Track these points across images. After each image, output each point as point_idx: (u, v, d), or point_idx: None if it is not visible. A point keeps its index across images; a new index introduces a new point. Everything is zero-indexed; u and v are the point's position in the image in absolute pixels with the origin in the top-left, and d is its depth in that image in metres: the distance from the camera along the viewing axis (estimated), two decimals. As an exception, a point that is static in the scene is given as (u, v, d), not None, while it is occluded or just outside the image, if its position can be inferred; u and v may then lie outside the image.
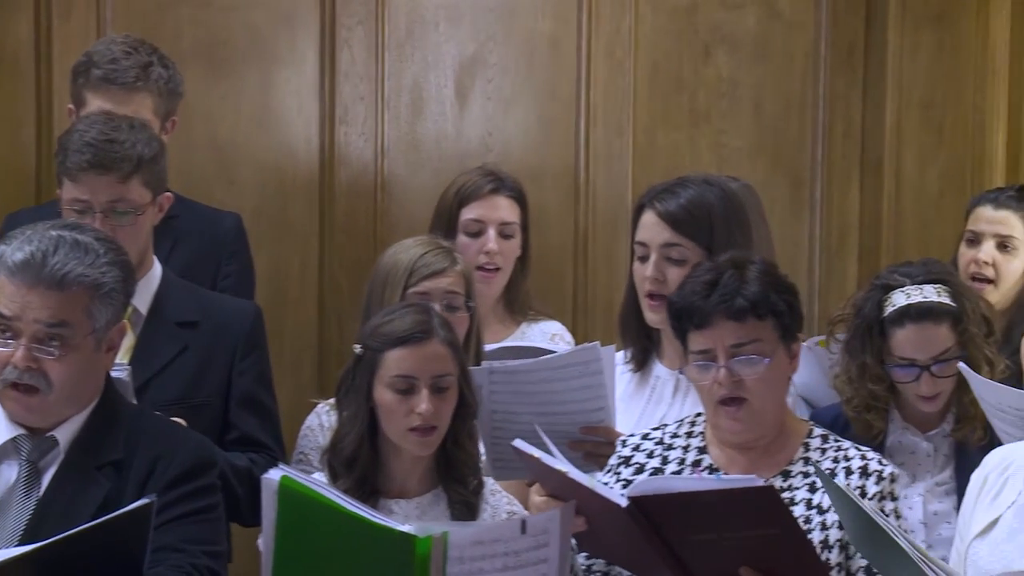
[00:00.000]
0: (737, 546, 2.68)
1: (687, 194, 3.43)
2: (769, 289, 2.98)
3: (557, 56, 4.90)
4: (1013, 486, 2.85)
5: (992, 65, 4.91)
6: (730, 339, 2.95)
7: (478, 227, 3.99)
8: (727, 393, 2.95)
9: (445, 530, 2.60)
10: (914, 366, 3.43)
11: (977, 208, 4.14)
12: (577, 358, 3.31)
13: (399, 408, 3.00)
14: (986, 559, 2.80)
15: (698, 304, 2.96)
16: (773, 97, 5.04)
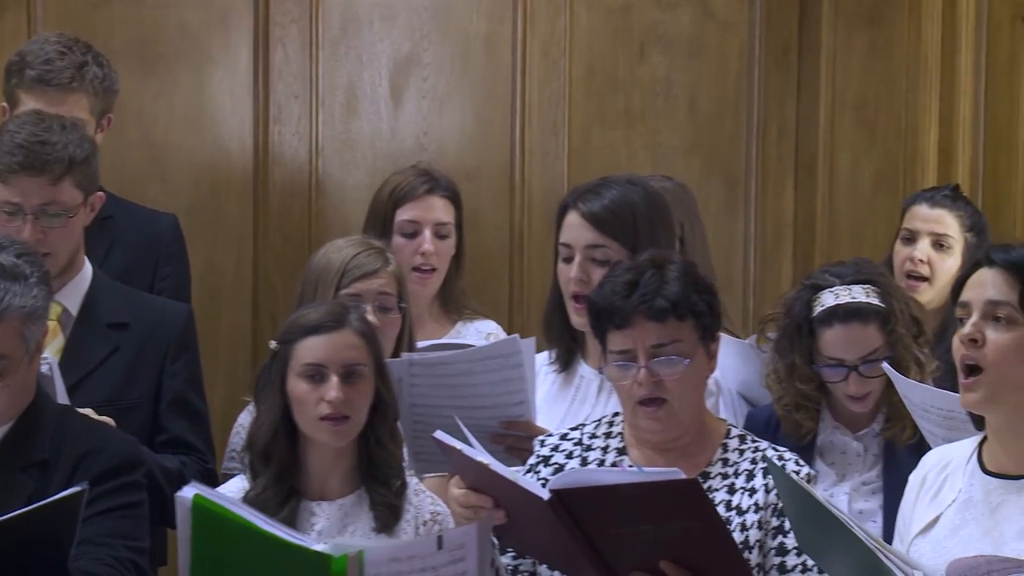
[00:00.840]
0: (658, 540, 2.68)
1: (610, 195, 3.44)
2: (689, 289, 2.98)
3: (492, 56, 4.89)
4: (952, 484, 2.86)
5: (924, 66, 4.95)
6: (651, 339, 2.95)
7: (413, 228, 3.98)
8: (647, 393, 2.95)
9: (361, 549, 2.59)
10: (842, 366, 3.44)
11: (913, 207, 4.16)
12: (497, 351, 3.31)
13: (310, 397, 3.00)
14: (929, 556, 2.81)
15: (619, 304, 2.96)
16: (708, 97, 5.06)
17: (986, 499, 2.80)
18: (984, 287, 2.77)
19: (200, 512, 2.69)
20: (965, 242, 4.07)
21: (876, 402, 3.49)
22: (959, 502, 2.83)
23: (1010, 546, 2.71)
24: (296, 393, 3.02)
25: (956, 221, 4.09)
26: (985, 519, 2.78)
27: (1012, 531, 2.74)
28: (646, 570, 2.72)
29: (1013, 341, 2.73)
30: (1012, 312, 2.74)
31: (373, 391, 3.04)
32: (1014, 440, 2.79)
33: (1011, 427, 2.78)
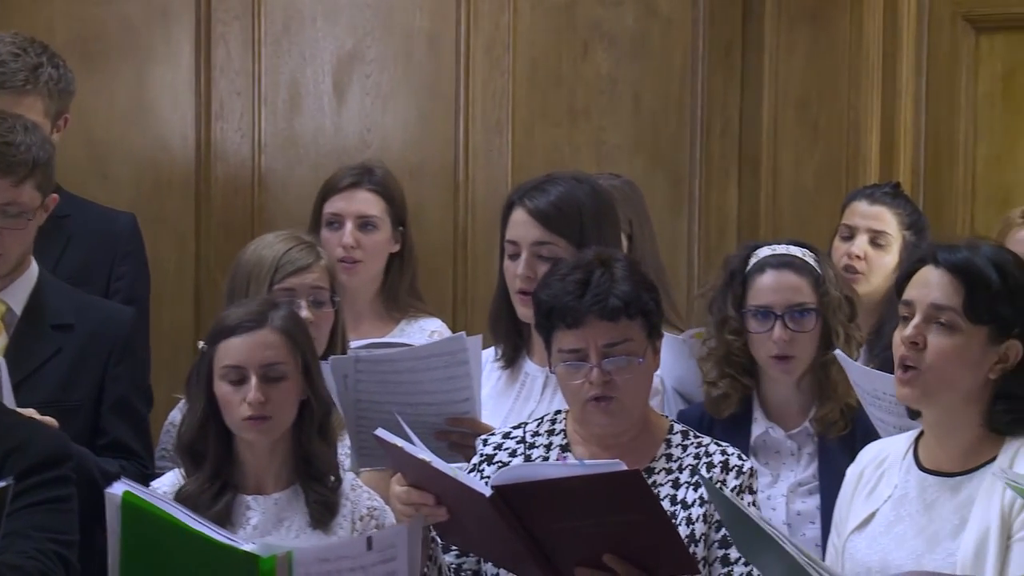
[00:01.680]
0: (601, 533, 2.68)
1: (557, 191, 3.44)
2: (639, 288, 2.98)
3: (435, 52, 4.89)
4: (889, 480, 2.87)
5: (866, 64, 4.97)
6: (603, 339, 2.94)
7: (336, 220, 3.99)
8: (598, 392, 2.95)
9: (289, 550, 2.59)
10: (770, 313, 3.44)
11: (852, 203, 4.18)
12: (443, 348, 3.30)
13: (233, 399, 3.00)
14: (864, 552, 2.83)
15: (571, 304, 2.95)
16: (652, 94, 5.07)
17: (921, 496, 2.81)
18: (929, 288, 2.78)
19: (129, 509, 2.68)
20: (903, 240, 4.09)
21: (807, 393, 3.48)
22: (894, 498, 2.84)
23: (943, 545, 2.73)
24: (221, 395, 3.03)
25: (895, 219, 4.11)
26: (920, 516, 2.79)
27: (946, 530, 2.75)
28: (590, 564, 2.72)
29: (953, 347, 2.75)
30: (955, 318, 2.75)
31: (299, 388, 3.03)
32: (948, 438, 2.81)
33: (945, 425, 2.81)
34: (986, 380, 2.76)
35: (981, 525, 2.71)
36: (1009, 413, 2.77)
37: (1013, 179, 4.81)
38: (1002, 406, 2.77)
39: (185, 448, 3.04)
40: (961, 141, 4.90)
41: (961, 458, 2.80)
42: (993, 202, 4.82)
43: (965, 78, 4.88)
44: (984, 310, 2.74)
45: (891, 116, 4.96)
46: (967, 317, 2.74)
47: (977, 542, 2.70)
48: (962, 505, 2.76)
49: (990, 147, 4.86)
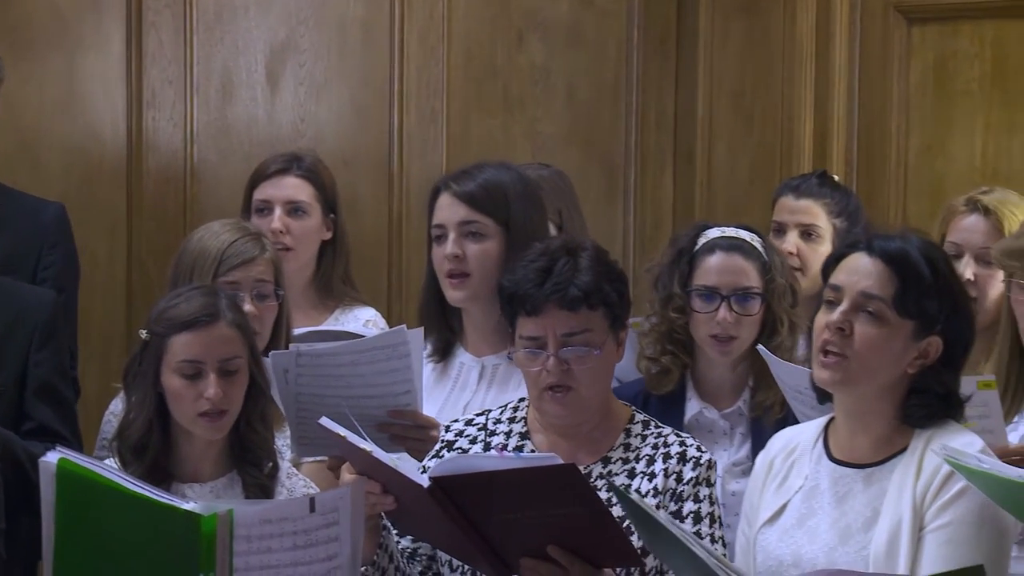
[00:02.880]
0: (543, 525, 2.67)
1: (482, 175, 3.45)
2: (602, 278, 2.96)
3: (369, 42, 4.87)
4: (799, 471, 2.85)
5: (799, 54, 4.99)
6: (561, 328, 2.92)
7: (265, 206, 3.98)
8: (555, 381, 2.93)
9: (230, 508, 2.57)
10: (716, 294, 3.45)
11: (780, 198, 4.15)
12: (384, 341, 3.29)
13: (187, 393, 2.97)
14: (776, 545, 2.81)
15: (531, 291, 2.93)
16: (586, 85, 5.07)
17: (833, 488, 2.79)
18: (859, 275, 2.76)
19: (65, 476, 2.64)
20: (834, 228, 4.07)
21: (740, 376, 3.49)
22: (806, 490, 2.82)
23: (855, 538, 2.73)
24: (171, 388, 2.99)
25: (823, 209, 4.08)
26: (832, 509, 2.78)
27: (858, 522, 2.74)
28: (535, 555, 2.71)
29: (880, 336, 2.73)
30: (883, 308, 2.73)
31: (248, 379, 3.01)
32: (862, 428, 2.80)
33: (859, 415, 2.79)
34: (904, 373, 2.75)
35: (893, 517, 2.70)
36: (923, 408, 2.76)
37: (945, 169, 4.83)
38: (916, 400, 2.76)
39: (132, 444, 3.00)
40: (893, 132, 4.92)
41: (873, 449, 2.79)
42: (925, 192, 4.85)
43: (897, 69, 4.90)
44: (913, 304, 2.73)
45: (824, 107, 4.99)
46: (896, 309, 2.73)
47: (889, 534, 2.69)
48: (874, 497, 2.75)
49: (922, 137, 4.88)
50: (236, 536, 2.56)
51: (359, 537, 2.74)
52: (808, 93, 5.00)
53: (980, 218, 3.78)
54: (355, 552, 2.73)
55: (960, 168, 4.78)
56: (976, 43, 4.79)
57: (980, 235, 3.73)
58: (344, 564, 2.70)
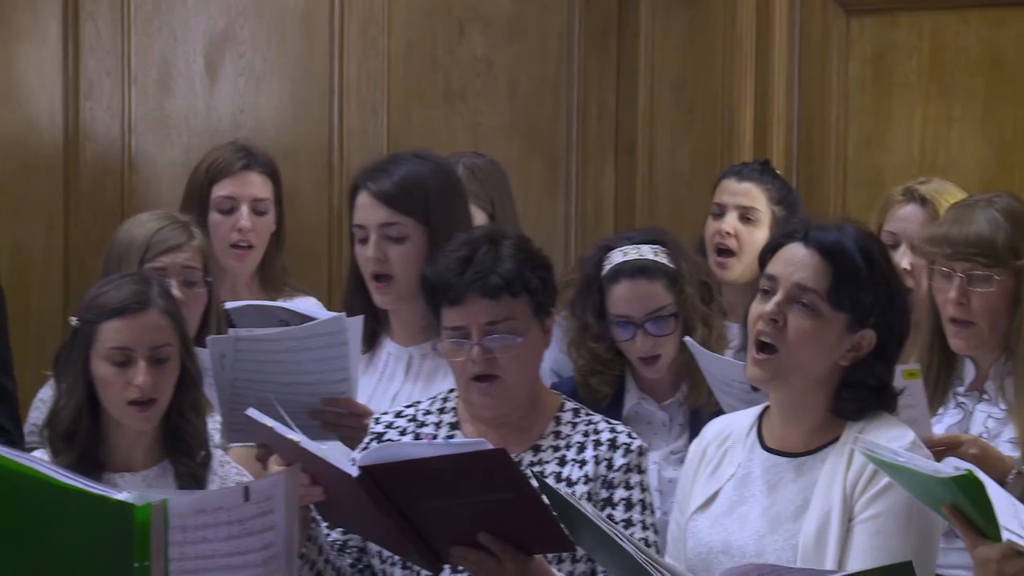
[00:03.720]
0: (473, 512, 2.66)
1: (399, 171, 3.41)
2: (524, 266, 2.95)
3: (309, 33, 4.86)
4: (732, 459, 2.85)
5: (739, 46, 5.01)
6: (484, 317, 2.91)
7: (230, 204, 3.96)
8: (480, 370, 2.92)
9: (165, 497, 2.55)
10: (629, 323, 3.46)
11: (722, 181, 4.19)
12: (323, 328, 3.28)
13: (116, 381, 2.95)
14: (706, 532, 2.81)
15: (452, 281, 2.92)
16: (528, 76, 5.07)
17: (764, 476, 2.79)
18: (794, 266, 2.75)
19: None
20: (773, 215, 4.10)
21: (678, 370, 3.51)
22: (738, 477, 2.82)
23: (785, 526, 2.72)
24: (101, 375, 2.96)
25: (764, 194, 4.12)
26: (763, 497, 2.78)
27: (788, 511, 2.74)
28: (464, 542, 2.70)
29: (813, 329, 2.72)
30: (817, 301, 2.72)
31: (179, 367, 2.99)
32: (795, 418, 2.79)
33: (792, 406, 2.79)
34: (836, 366, 2.75)
35: (823, 507, 2.70)
36: (854, 400, 2.76)
37: (884, 161, 4.85)
38: (848, 393, 2.76)
39: (62, 431, 2.98)
40: (833, 124, 4.94)
41: (805, 438, 2.78)
42: (864, 184, 4.86)
43: (836, 61, 4.92)
44: (847, 297, 2.73)
45: (764, 99, 5.00)
46: (829, 302, 2.72)
47: (819, 524, 2.69)
48: (805, 487, 2.74)
49: (861, 130, 4.90)
50: (171, 526, 2.54)
51: (294, 525, 2.72)
52: (748, 85, 5.01)
53: (917, 208, 3.80)
54: (291, 540, 2.71)
55: (898, 160, 4.80)
56: (914, 35, 4.82)
57: (917, 225, 3.75)
58: (280, 553, 2.68)
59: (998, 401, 3.33)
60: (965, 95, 4.74)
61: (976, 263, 3.27)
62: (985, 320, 3.29)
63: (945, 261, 3.30)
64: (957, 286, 3.28)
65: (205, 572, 2.60)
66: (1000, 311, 3.30)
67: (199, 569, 2.59)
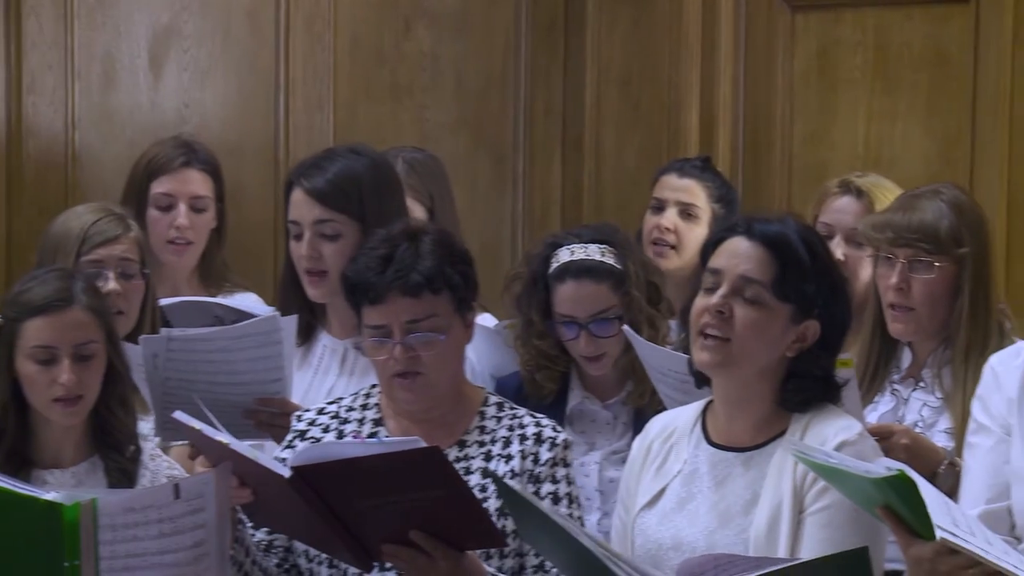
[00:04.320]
0: (405, 510, 2.65)
1: (334, 168, 3.40)
2: (444, 262, 2.94)
3: (255, 28, 4.84)
4: (678, 455, 2.85)
5: (685, 42, 5.02)
6: (405, 315, 2.90)
7: (168, 201, 3.95)
8: (402, 368, 2.91)
9: (93, 497, 2.54)
10: (574, 323, 3.46)
11: (663, 176, 4.19)
12: (257, 328, 3.27)
13: (41, 379, 2.93)
14: (655, 529, 2.81)
15: (372, 280, 2.91)
16: (475, 72, 5.07)
17: (712, 472, 2.80)
18: (738, 259, 2.76)
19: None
20: (712, 212, 4.10)
21: (623, 369, 3.51)
22: (684, 474, 2.82)
23: (735, 521, 2.73)
24: (25, 373, 2.95)
25: (704, 191, 4.12)
26: (711, 492, 2.78)
27: (738, 505, 2.74)
28: (396, 541, 2.70)
29: (759, 320, 2.73)
30: (762, 292, 2.73)
31: (105, 363, 2.98)
32: (739, 412, 2.80)
33: (737, 398, 2.80)
34: (782, 357, 2.76)
35: (773, 500, 2.71)
36: (800, 392, 2.77)
37: (829, 157, 4.86)
38: (794, 384, 2.77)
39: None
40: (778, 119, 4.95)
41: (751, 432, 2.79)
42: (810, 179, 4.86)
43: (782, 57, 4.93)
44: (792, 288, 2.74)
45: (710, 95, 5.02)
46: (775, 293, 2.73)
47: (769, 517, 2.70)
48: (754, 480, 2.75)
49: (806, 125, 4.92)
50: (100, 525, 2.53)
51: (226, 523, 2.71)
52: (694, 81, 5.03)
53: (852, 200, 3.82)
54: (223, 538, 2.70)
55: (843, 155, 4.82)
56: (858, 31, 4.83)
57: (852, 216, 3.77)
58: (212, 551, 2.67)
59: (934, 390, 3.36)
60: (909, 91, 4.76)
61: (918, 249, 3.31)
62: (925, 307, 3.32)
63: (888, 247, 3.33)
64: (898, 272, 3.31)
65: (136, 570, 2.60)
66: (940, 298, 3.33)
67: (130, 567, 2.59)
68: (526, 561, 2.91)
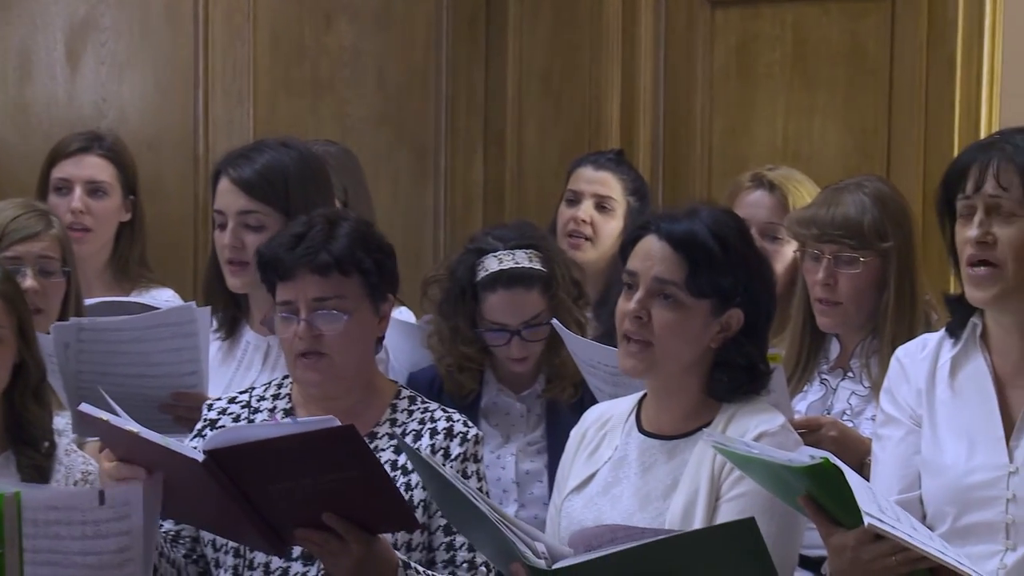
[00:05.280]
0: (318, 492, 2.63)
1: (262, 159, 3.39)
2: (357, 246, 2.93)
3: (173, 21, 4.82)
4: (610, 442, 2.87)
5: (606, 37, 5.03)
6: (313, 293, 2.90)
7: (65, 185, 3.95)
8: (306, 347, 2.91)
9: (17, 490, 2.53)
10: (505, 330, 3.47)
11: (578, 169, 4.19)
12: (171, 318, 3.25)
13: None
14: (580, 511, 2.83)
15: (283, 256, 2.91)
16: (396, 67, 5.07)
17: (640, 458, 2.82)
18: (651, 260, 2.77)
19: None
20: (627, 205, 4.12)
21: (536, 362, 3.52)
22: (614, 460, 2.85)
23: (654, 505, 2.75)
24: None
25: (619, 184, 4.13)
26: (636, 478, 2.80)
27: (658, 491, 2.76)
28: (309, 524, 2.68)
29: (677, 320, 2.74)
30: (677, 292, 2.74)
31: (15, 353, 2.95)
32: (670, 403, 2.82)
33: (666, 391, 2.82)
34: (707, 348, 2.78)
35: (691, 486, 2.73)
36: (727, 381, 2.78)
37: (748, 152, 4.88)
38: (721, 374, 2.78)
39: None
40: (698, 114, 4.97)
41: (680, 422, 2.81)
42: (730, 173, 4.84)
43: (701, 51, 4.95)
44: (706, 284, 2.74)
45: (631, 89, 5.03)
46: (690, 291, 2.74)
47: (686, 502, 2.72)
48: (676, 467, 2.77)
49: (726, 119, 4.94)
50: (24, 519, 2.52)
51: (153, 531, 2.70)
52: (615, 75, 5.04)
53: (765, 193, 3.84)
54: (149, 547, 2.68)
55: (762, 150, 4.84)
56: (777, 26, 4.86)
57: (765, 210, 3.79)
58: (137, 557, 2.65)
59: (862, 379, 3.39)
60: (827, 85, 4.79)
61: (843, 245, 3.33)
62: (851, 301, 3.36)
63: (814, 243, 3.36)
64: (824, 267, 3.35)
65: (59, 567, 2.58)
66: (865, 292, 3.36)
67: (52, 562, 2.58)
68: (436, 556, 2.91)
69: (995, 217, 2.65)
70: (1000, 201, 2.63)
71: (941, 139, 4.52)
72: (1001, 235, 2.64)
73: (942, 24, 4.52)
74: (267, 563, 2.89)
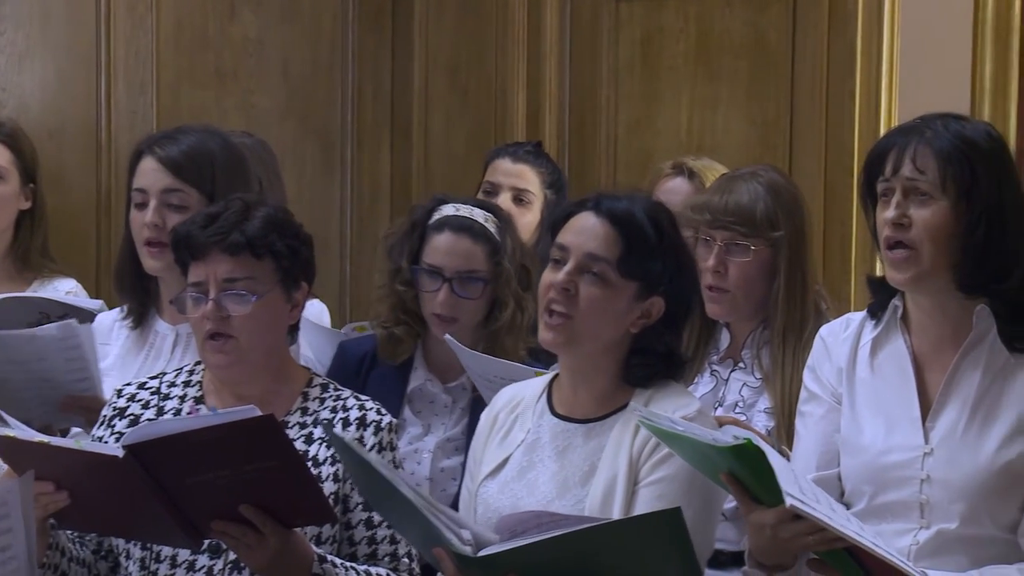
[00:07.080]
0: (237, 484, 2.61)
1: (188, 141, 3.36)
2: (271, 230, 2.90)
3: (75, 11, 4.77)
4: (522, 425, 2.86)
5: (512, 30, 5.05)
6: (222, 273, 2.87)
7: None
8: (213, 328, 2.88)
9: None
10: (438, 275, 3.44)
11: (496, 160, 4.19)
12: (52, 334, 3.22)
13: None
14: (496, 497, 2.81)
15: (195, 233, 2.89)
16: (301, 58, 5.05)
17: (553, 442, 2.81)
18: (585, 236, 2.77)
19: None
20: (545, 198, 4.13)
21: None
22: (527, 443, 2.84)
23: (573, 491, 2.75)
24: None
25: (537, 177, 4.13)
26: (552, 462, 2.80)
27: (576, 476, 2.76)
28: (227, 517, 2.66)
29: (603, 297, 2.75)
30: (607, 270, 2.74)
31: None
32: (585, 384, 2.82)
33: (584, 372, 2.82)
34: (626, 333, 2.78)
35: (610, 472, 2.73)
36: (643, 367, 2.79)
37: (652, 143, 4.92)
38: (637, 360, 2.79)
39: None
40: (603, 106, 5.00)
41: (594, 404, 2.81)
42: (634, 165, 4.93)
43: (606, 44, 4.98)
44: (637, 266, 2.75)
45: (537, 81, 5.05)
46: (620, 271, 2.75)
47: (605, 488, 2.72)
48: (593, 451, 2.77)
49: (631, 112, 4.97)
50: None
51: (33, 531, 2.65)
52: (521, 68, 5.06)
53: (684, 181, 3.87)
54: (31, 545, 2.64)
55: (666, 142, 4.87)
56: (681, 19, 4.90)
57: (682, 197, 3.80)
58: (20, 555, 2.62)
59: (754, 370, 3.39)
60: (730, 78, 4.83)
61: (734, 232, 3.34)
62: (740, 289, 3.35)
63: (706, 229, 3.36)
64: (715, 254, 3.34)
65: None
66: (755, 281, 3.36)
67: (-63, 562, 2.55)
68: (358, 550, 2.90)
69: (912, 199, 2.67)
70: (917, 184, 2.66)
71: (842, 130, 4.56)
72: (917, 217, 2.66)
73: (843, 16, 4.56)
74: (174, 555, 2.86)
